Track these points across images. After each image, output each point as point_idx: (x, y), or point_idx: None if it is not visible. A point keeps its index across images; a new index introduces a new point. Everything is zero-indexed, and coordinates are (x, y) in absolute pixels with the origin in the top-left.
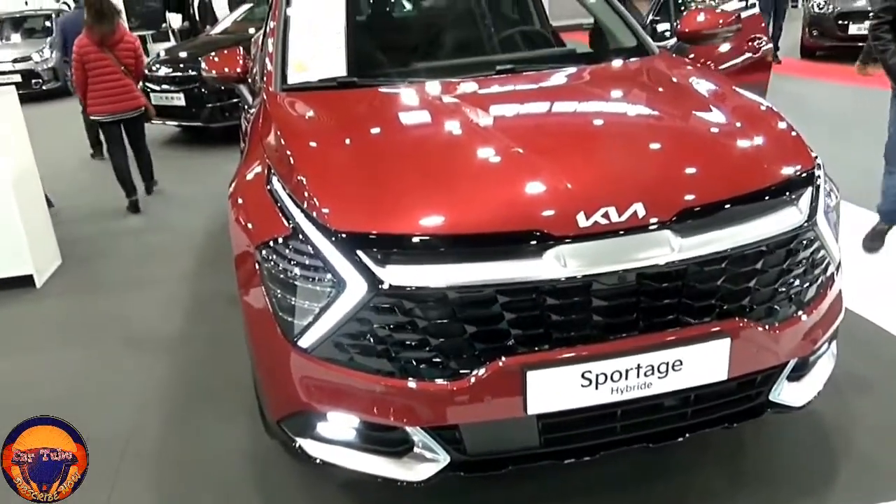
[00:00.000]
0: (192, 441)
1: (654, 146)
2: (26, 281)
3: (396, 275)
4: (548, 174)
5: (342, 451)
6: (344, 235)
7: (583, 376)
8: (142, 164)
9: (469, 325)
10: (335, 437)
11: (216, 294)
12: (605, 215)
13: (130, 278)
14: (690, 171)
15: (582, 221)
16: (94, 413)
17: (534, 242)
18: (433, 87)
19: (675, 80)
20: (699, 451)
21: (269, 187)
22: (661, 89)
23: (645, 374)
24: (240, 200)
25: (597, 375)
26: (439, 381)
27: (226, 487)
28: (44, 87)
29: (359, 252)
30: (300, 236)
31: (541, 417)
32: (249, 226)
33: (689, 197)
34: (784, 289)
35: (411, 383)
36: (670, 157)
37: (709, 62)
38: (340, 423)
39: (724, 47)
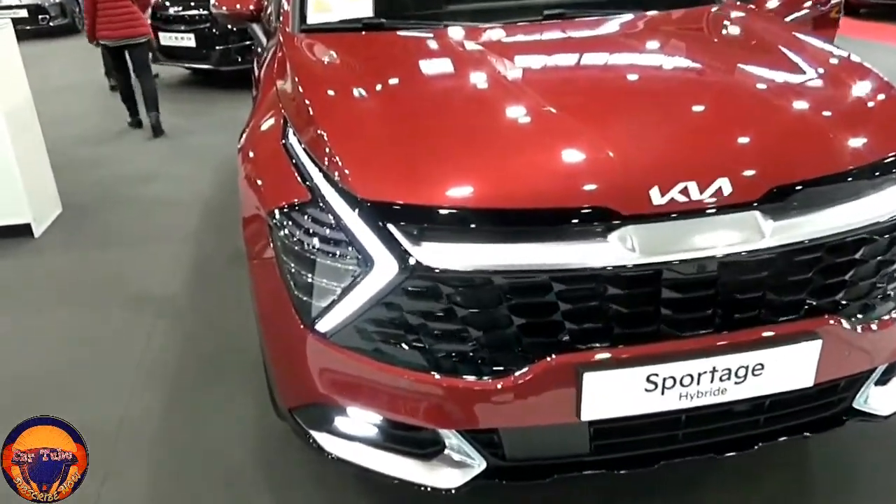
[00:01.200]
0: (192, 421)
1: (739, 111)
2: (23, 230)
3: (433, 254)
4: (615, 141)
5: (362, 448)
6: (371, 205)
7: (648, 380)
8: (146, 93)
9: (517, 315)
10: (355, 434)
11: (224, 252)
12: (684, 192)
13: (133, 231)
14: (783, 142)
15: (656, 198)
16: (85, 387)
17: (598, 221)
18: (474, 32)
19: (754, 32)
20: (761, 453)
21: (284, 142)
22: (739, 44)
23: (720, 379)
24: (251, 154)
25: (664, 379)
26: (479, 378)
27: (227, 473)
28: (51, 24)
29: (389, 225)
30: (320, 203)
31: (593, 422)
32: (260, 184)
33: (782, 173)
34: (883, 283)
35: (446, 380)
36: (758, 125)
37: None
38: (362, 419)
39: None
